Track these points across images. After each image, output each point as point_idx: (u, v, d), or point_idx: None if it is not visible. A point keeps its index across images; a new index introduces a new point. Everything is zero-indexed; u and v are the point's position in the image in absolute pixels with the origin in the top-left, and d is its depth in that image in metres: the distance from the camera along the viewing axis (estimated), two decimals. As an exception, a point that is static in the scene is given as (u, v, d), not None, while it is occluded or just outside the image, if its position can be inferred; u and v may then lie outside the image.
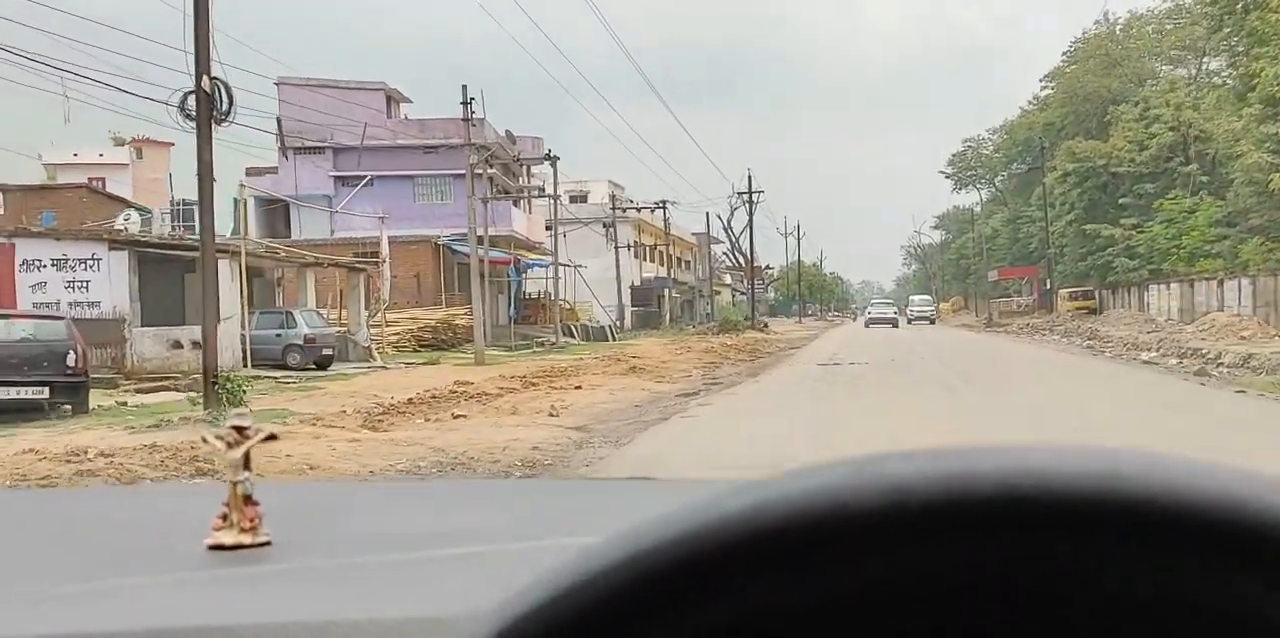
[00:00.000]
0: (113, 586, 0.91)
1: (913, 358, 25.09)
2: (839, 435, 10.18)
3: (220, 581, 0.94)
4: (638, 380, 19.14)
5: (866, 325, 56.79)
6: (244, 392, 12.35)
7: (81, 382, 14.06)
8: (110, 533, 1.23)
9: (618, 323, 49.05)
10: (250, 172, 45.56)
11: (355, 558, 0.96)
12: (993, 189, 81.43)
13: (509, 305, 40.48)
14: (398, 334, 31.65)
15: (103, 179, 55.80)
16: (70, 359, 14.01)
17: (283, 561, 0.99)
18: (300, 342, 23.45)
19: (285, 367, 23.34)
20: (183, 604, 0.85)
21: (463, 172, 33.76)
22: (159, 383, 19.25)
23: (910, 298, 75.00)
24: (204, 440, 1.02)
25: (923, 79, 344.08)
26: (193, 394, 17.91)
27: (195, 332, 22.82)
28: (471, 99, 30.64)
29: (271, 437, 0.97)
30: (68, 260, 22.63)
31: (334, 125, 43.05)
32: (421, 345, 31.59)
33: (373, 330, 28.26)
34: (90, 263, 22.62)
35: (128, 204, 42.35)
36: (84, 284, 22.59)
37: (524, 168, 47.50)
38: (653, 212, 53.98)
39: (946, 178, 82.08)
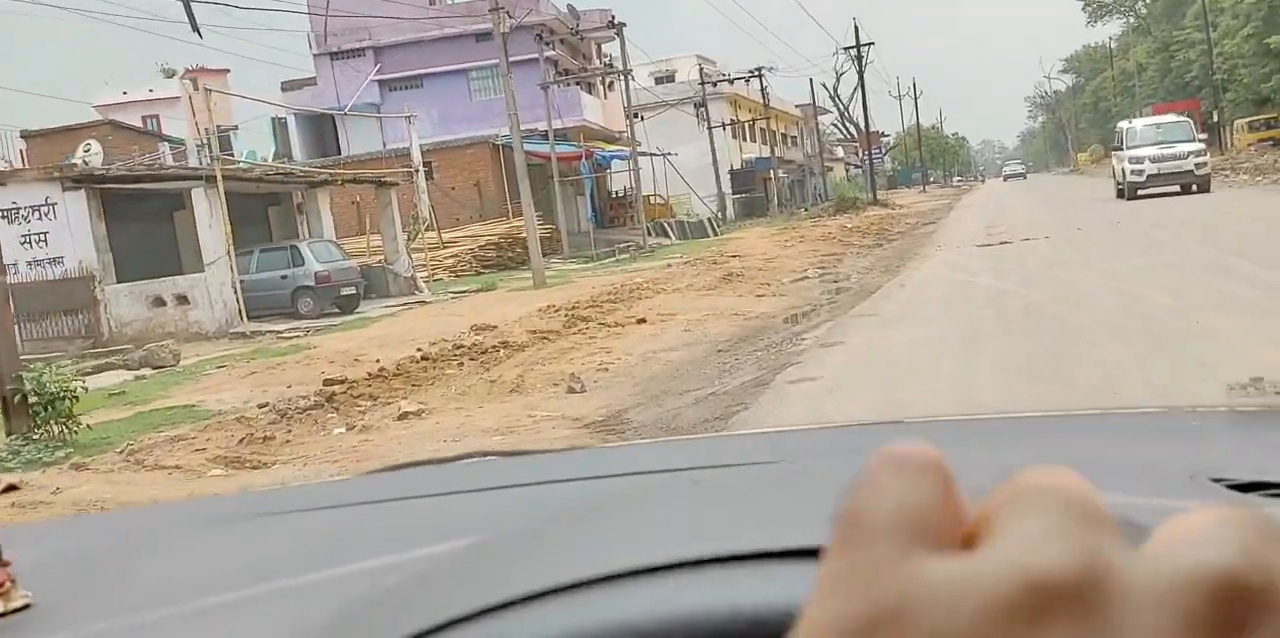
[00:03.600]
0: None
1: (1104, 226, 19.07)
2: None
3: None
4: (731, 298, 13.88)
5: (1005, 180, 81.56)
6: (67, 397, 7.59)
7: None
8: None
9: (719, 215, 43.41)
10: (286, 86, 41.05)
11: (136, 616, 0.82)
12: (1135, 18, 71.86)
13: (588, 208, 35.27)
14: (456, 256, 26.94)
15: (156, 116, 52.29)
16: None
17: (44, 628, 0.84)
18: (310, 282, 18.86)
19: (298, 315, 18.89)
20: None
21: (522, 58, 28.44)
22: (106, 359, 14.89)
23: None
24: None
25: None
26: (141, 373, 13.50)
27: (179, 283, 18.53)
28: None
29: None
30: (18, 209, 18.37)
31: (372, 24, 38.05)
32: (485, 266, 26.85)
33: (417, 256, 23.53)
34: (44, 210, 18.31)
35: (160, 138, 38.46)
36: (41, 237, 18.35)
37: (593, 47, 41.51)
38: (748, 82, 47.43)
39: (1084, 7, 72.57)
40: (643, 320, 11.93)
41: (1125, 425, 1.31)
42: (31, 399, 7.46)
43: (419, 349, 11.56)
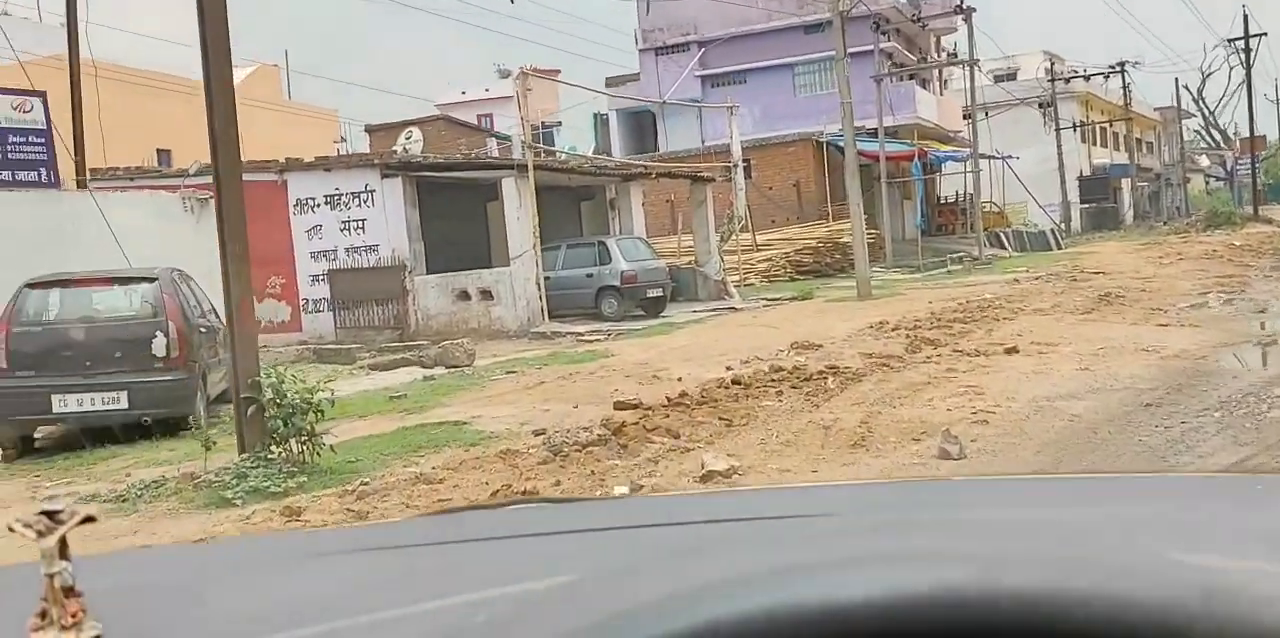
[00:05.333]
0: None
1: None
2: None
3: None
4: (1122, 326, 10.95)
5: None
6: (310, 409, 6.19)
7: (180, 382, 8.82)
8: None
9: (1061, 226, 38.87)
10: (610, 81, 40.81)
11: None
12: None
13: (916, 213, 32.25)
14: (769, 260, 25.00)
15: (490, 115, 54.28)
16: (158, 346, 8.80)
17: None
18: (616, 282, 17.50)
19: (602, 316, 17.59)
20: None
21: (855, 50, 26.16)
22: (404, 354, 14.08)
23: None
24: (10, 530, 0.87)
25: None
26: (432, 373, 12.47)
27: (485, 278, 17.69)
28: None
29: (89, 519, 0.82)
30: (340, 196, 18.26)
31: (698, 18, 36.98)
32: (800, 272, 24.72)
33: (729, 258, 21.78)
34: (364, 197, 18.10)
35: (487, 133, 39.33)
36: (359, 224, 18.14)
37: (931, 40, 38.28)
38: (1106, 78, 42.34)
39: None
40: (1013, 350, 9.35)
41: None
42: (269, 412, 6.15)
43: (728, 368, 9.63)
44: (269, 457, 6.17)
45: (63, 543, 0.84)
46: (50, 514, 0.86)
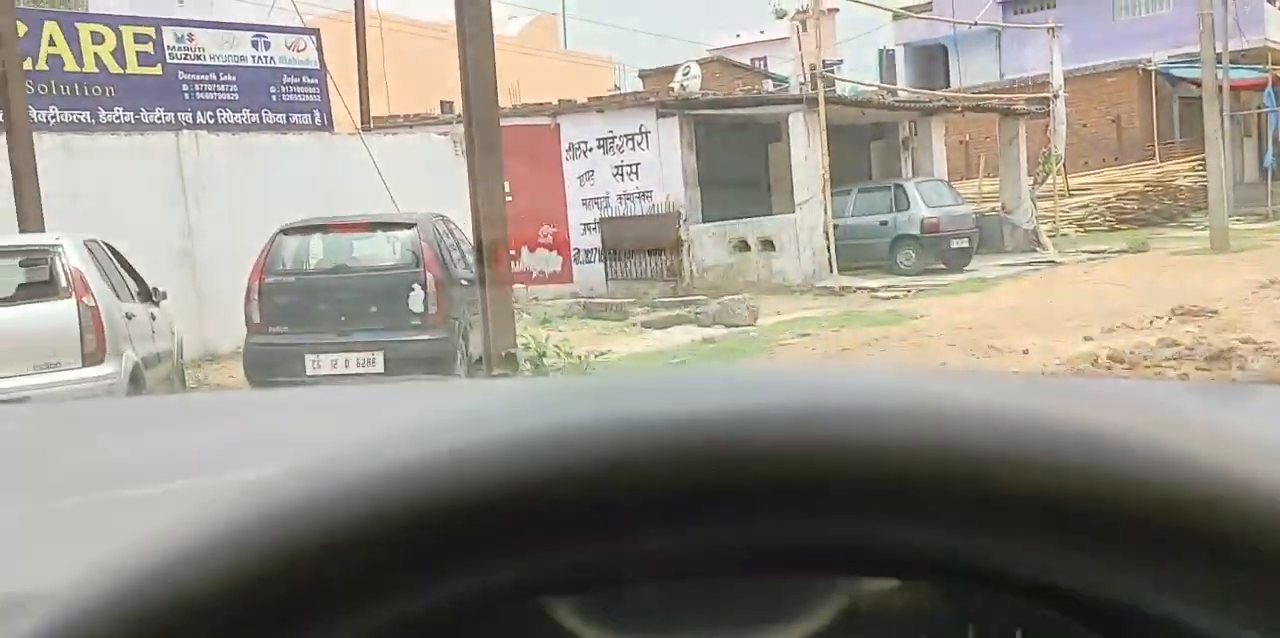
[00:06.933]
0: None
1: None
2: None
3: None
4: None
5: None
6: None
7: (438, 342, 7.82)
8: None
9: None
10: (898, 15, 37.84)
11: (49, 501, 0.84)
12: None
13: (1262, 152, 27.63)
14: (1085, 207, 21.91)
15: (764, 58, 52.31)
16: (415, 301, 7.83)
17: None
18: (916, 231, 15.43)
19: (897, 269, 15.60)
20: None
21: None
22: (679, 310, 12.76)
23: None
24: None
25: None
26: (710, 334, 11.07)
27: (766, 226, 16.10)
28: None
29: None
30: (613, 138, 17.15)
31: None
32: (1121, 221, 21.49)
33: (1042, 204, 19.07)
34: (638, 139, 16.90)
35: (763, 74, 37.49)
36: (632, 169, 16.99)
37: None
38: None
39: None
40: None
41: None
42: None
43: (1087, 338, 7.58)
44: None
45: None
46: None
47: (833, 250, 14.78)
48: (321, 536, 0.29)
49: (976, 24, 26.14)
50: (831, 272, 14.77)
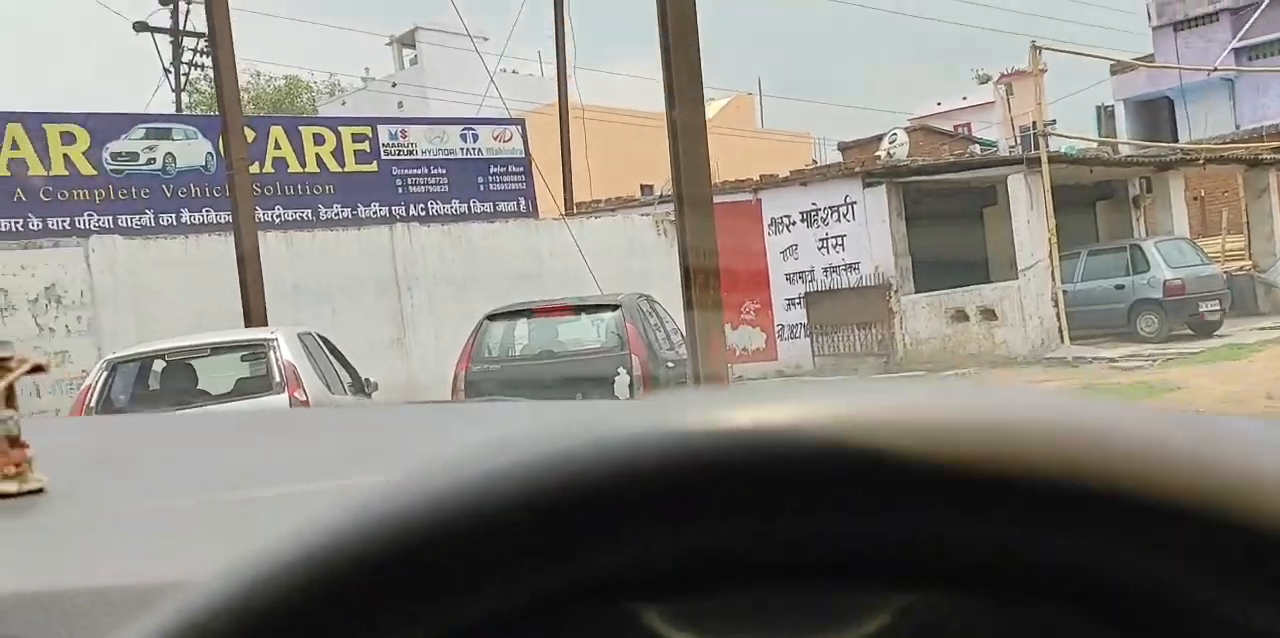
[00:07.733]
0: None
1: None
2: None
3: None
4: None
5: None
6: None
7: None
8: None
9: None
10: (1115, 68, 35.95)
11: (146, 503, 0.86)
12: None
13: None
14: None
15: (967, 124, 50.98)
16: (620, 385, 7.55)
17: (55, 510, 0.87)
18: (1158, 294, 14.12)
19: (1138, 336, 14.28)
20: None
21: None
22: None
23: None
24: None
25: None
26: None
27: (987, 294, 15.12)
28: None
29: (38, 368, 0.82)
30: (817, 211, 16.71)
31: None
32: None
33: (1295, 260, 17.23)
34: (843, 210, 16.39)
35: (969, 140, 36.24)
36: (838, 241, 16.45)
37: None
38: None
39: None
40: None
41: None
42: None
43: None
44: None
45: (9, 392, 0.83)
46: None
47: (1063, 318, 13.68)
48: (466, 522, 0.30)
49: (1215, 70, 24.42)
50: (1062, 341, 13.66)
